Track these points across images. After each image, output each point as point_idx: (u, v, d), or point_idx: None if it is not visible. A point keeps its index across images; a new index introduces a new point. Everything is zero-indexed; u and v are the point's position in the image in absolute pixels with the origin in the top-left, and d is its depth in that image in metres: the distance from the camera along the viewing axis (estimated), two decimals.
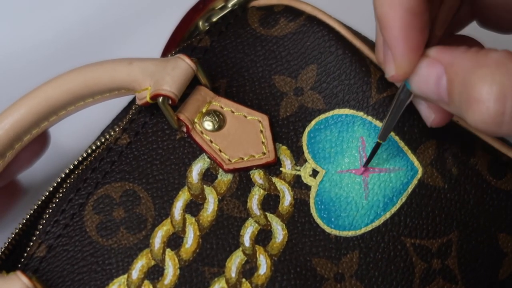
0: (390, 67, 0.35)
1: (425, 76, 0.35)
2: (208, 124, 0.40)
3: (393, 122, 0.38)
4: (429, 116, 0.38)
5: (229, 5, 0.44)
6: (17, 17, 0.59)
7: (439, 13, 0.36)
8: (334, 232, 0.40)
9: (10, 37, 0.58)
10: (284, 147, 0.41)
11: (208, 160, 0.40)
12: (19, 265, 0.38)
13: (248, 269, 0.39)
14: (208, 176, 0.40)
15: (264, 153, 0.40)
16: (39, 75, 0.41)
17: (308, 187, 0.40)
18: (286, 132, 0.41)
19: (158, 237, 0.39)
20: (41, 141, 0.42)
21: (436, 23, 0.36)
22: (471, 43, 0.41)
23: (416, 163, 0.41)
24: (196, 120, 0.40)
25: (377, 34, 0.38)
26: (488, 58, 0.32)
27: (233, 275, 0.38)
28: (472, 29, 0.43)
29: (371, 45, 0.43)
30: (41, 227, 0.39)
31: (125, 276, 0.38)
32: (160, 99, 0.39)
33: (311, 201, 0.40)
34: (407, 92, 0.37)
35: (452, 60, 0.34)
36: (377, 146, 0.40)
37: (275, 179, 0.40)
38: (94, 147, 0.41)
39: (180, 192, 0.40)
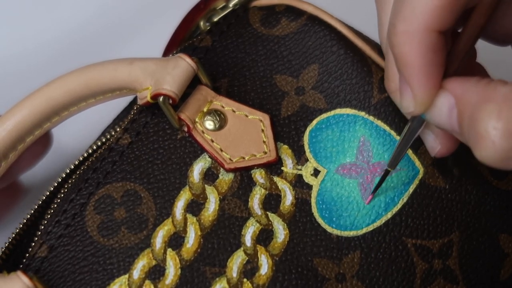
0: (409, 103, 0.35)
1: (439, 107, 0.35)
2: (209, 124, 0.40)
3: (404, 149, 0.38)
4: (435, 147, 0.38)
5: (230, 5, 0.44)
6: (19, 18, 0.59)
7: (457, 45, 0.35)
8: (336, 232, 0.40)
9: (12, 38, 0.58)
10: (286, 146, 0.41)
11: (209, 159, 0.40)
12: (21, 266, 0.38)
13: (250, 269, 0.39)
14: (209, 176, 0.40)
15: (265, 152, 0.40)
16: (41, 76, 0.41)
17: (309, 187, 0.40)
18: (287, 131, 0.41)
19: (159, 237, 0.39)
20: (44, 142, 0.42)
21: (454, 54, 0.35)
22: (477, 68, 0.41)
23: (418, 163, 0.41)
24: (197, 119, 0.40)
25: (388, 64, 0.38)
26: (496, 92, 0.32)
27: (234, 275, 0.38)
28: None
29: (372, 45, 0.43)
30: (42, 227, 0.39)
31: (126, 276, 0.38)
32: (161, 98, 0.39)
33: (313, 200, 0.40)
34: (419, 121, 0.37)
35: (463, 92, 0.33)
36: (385, 174, 0.39)
37: (276, 179, 0.40)
38: (95, 147, 0.41)
39: (181, 192, 0.40)
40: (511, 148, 0.31)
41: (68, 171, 0.41)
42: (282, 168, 0.41)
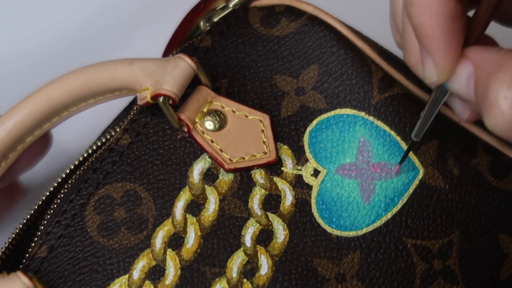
0: (431, 73, 0.35)
1: (458, 75, 0.35)
2: (209, 124, 0.40)
3: (429, 120, 0.38)
4: (464, 113, 0.38)
5: (230, 5, 0.44)
6: (19, 18, 0.59)
7: (478, 12, 0.35)
8: (336, 232, 0.40)
9: (12, 38, 0.58)
10: (286, 146, 0.41)
11: (209, 160, 0.40)
12: (21, 266, 0.38)
13: (249, 269, 0.39)
14: (209, 176, 0.40)
15: (265, 153, 0.40)
16: (41, 76, 0.41)
17: (309, 187, 0.40)
18: (287, 131, 0.41)
19: (159, 237, 0.39)
20: (43, 142, 0.42)
21: (475, 22, 0.35)
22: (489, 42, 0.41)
23: (418, 163, 0.41)
24: (197, 120, 0.40)
25: (406, 37, 0.37)
26: (511, 61, 0.32)
27: (234, 275, 0.38)
28: None
29: (372, 45, 0.43)
30: (42, 227, 0.39)
31: (126, 276, 0.38)
32: (161, 99, 0.39)
33: (313, 201, 0.40)
34: (443, 90, 0.37)
35: (481, 60, 0.33)
36: (411, 144, 0.39)
37: (276, 179, 0.40)
38: (95, 147, 0.41)
39: (181, 192, 0.40)
40: None
41: (68, 171, 0.41)
42: (282, 168, 0.41)
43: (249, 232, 0.39)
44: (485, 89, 0.32)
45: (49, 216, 0.39)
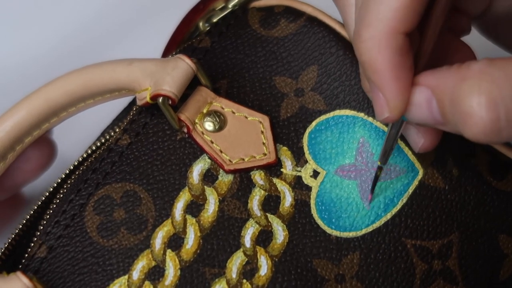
0: (383, 110, 0.35)
1: (416, 104, 0.34)
2: (209, 125, 0.40)
3: (391, 146, 0.38)
4: (418, 141, 0.38)
5: (230, 6, 0.44)
6: (17, 19, 0.59)
7: (423, 43, 0.35)
8: (335, 233, 0.40)
9: (11, 39, 0.58)
10: (285, 148, 0.41)
11: (208, 160, 0.40)
12: (20, 266, 0.38)
13: (249, 270, 0.39)
14: (209, 177, 0.40)
15: (265, 154, 0.40)
16: (39, 77, 0.41)
17: (308, 188, 0.40)
18: (286, 133, 0.41)
19: (159, 238, 0.39)
20: (48, 153, 0.42)
21: (421, 52, 0.35)
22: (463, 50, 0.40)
23: (417, 164, 0.41)
24: (197, 120, 0.40)
25: (361, 66, 0.38)
26: (470, 70, 0.32)
27: (234, 276, 0.38)
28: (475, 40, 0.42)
29: None
30: (41, 227, 0.39)
31: (126, 276, 0.38)
32: (160, 99, 0.39)
33: (312, 202, 0.40)
34: (400, 121, 0.37)
35: (437, 80, 0.33)
36: (379, 170, 0.39)
37: (275, 180, 0.40)
38: (94, 148, 0.41)
39: (181, 193, 0.40)
40: (499, 118, 0.31)
41: (67, 172, 0.41)
42: (282, 169, 0.41)
43: (249, 233, 0.39)
44: (454, 103, 0.32)
45: (48, 216, 0.39)
